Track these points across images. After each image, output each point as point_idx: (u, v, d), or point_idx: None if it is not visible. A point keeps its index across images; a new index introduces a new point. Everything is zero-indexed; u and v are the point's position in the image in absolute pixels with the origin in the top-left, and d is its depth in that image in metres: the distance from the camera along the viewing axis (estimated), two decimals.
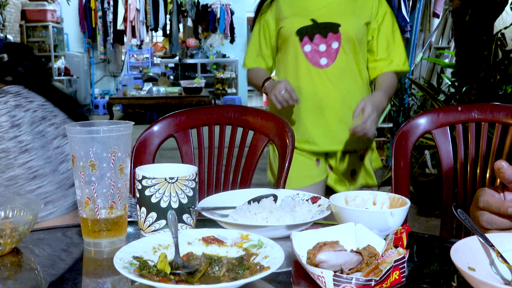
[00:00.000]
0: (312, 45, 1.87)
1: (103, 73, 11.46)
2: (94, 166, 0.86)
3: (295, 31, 1.88)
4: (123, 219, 0.90)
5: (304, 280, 0.75)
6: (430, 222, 3.65)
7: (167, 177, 0.89)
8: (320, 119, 1.91)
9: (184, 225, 0.91)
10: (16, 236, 0.86)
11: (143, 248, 0.78)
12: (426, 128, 1.53)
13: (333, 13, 1.88)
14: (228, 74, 11.35)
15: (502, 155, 1.44)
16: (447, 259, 0.72)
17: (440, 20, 5.91)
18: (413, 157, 3.72)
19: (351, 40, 1.86)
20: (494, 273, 0.71)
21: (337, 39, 1.86)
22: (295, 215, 0.95)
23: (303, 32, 1.87)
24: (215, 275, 0.73)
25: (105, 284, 0.78)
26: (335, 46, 1.86)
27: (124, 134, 0.89)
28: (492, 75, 3.69)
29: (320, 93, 1.90)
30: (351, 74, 1.90)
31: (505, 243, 0.74)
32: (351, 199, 0.97)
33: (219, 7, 11.09)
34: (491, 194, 0.78)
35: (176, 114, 1.68)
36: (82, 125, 0.89)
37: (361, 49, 1.91)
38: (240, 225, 0.89)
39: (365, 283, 0.65)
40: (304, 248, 0.76)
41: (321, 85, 1.89)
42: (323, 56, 1.87)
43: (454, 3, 3.79)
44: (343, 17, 1.87)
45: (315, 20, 1.87)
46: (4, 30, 8.45)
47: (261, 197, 1.02)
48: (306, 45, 1.87)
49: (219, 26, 11.13)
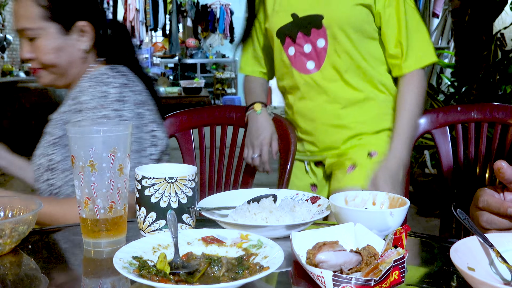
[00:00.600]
0: (295, 47, 1.50)
1: None
2: (94, 166, 0.86)
3: (275, 32, 1.53)
4: (122, 219, 0.90)
5: (303, 280, 0.74)
6: (429, 222, 3.65)
7: (167, 177, 0.89)
8: (315, 139, 1.57)
9: (183, 225, 0.91)
10: (15, 236, 0.86)
11: (143, 248, 0.78)
12: (425, 128, 1.53)
13: (315, 2, 1.46)
14: (227, 74, 11.35)
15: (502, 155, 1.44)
16: (446, 259, 0.72)
17: (439, 20, 5.91)
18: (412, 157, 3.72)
19: (341, 32, 1.44)
20: (493, 273, 0.71)
21: (322, 35, 1.46)
22: (294, 215, 0.94)
23: (284, 32, 1.51)
24: (215, 275, 0.73)
25: (104, 284, 0.77)
26: (321, 44, 1.46)
27: (124, 134, 0.89)
28: (492, 75, 3.69)
29: (310, 108, 1.53)
30: (351, 77, 1.48)
31: (504, 243, 0.74)
32: (351, 199, 0.97)
33: (219, 7, 11.10)
34: (490, 194, 0.78)
35: (177, 114, 1.68)
36: (81, 125, 0.89)
37: (363, 41, 1.46)
38: (239, 225, 0.89)
39: (364, 283, 0.65)
40: (303, 248, 0.76)
41: (310, 97, 1.52)
42: (310, 59, 1.49)
43: (454, 3, 3.80)
44: (326, 4, 1.45)
45: (295, 14, 1.48)
46: (4, 30, 8.44)
47: (260, 197, 1.02)
48: (290, 47, 1.51)
49: (219, 26, 11.14)
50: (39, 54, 1.28)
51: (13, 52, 9.23)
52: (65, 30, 1.29)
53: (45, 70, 1.32)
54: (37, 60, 1.30)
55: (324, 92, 1.49)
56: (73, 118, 1.26)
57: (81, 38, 1.32)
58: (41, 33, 1.27)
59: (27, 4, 1.25)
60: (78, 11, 1.31)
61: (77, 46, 1.32)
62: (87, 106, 1.25)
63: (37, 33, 1.27)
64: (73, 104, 1.29)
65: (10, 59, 9.09)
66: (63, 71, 1.32)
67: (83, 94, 1.27)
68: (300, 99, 1.54)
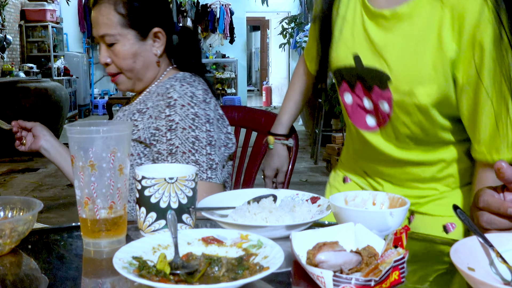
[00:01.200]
0: (353, 97, 1.19)
1: (102, 73, 11.46)
2: (94, 166, 0.86)
3: (333, 69, 1.23)
4: (122, 219, 0.90)
5: (303, 280, 0.74)
6: None
7: (167, 177, 0.89)
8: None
9: (183, 225, 0.91)
10: (15, 236, 0.86)
11: (143, 248, 0.77)
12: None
13: (384, 50, 1.09)
14: (227, 74, 11.37)
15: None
16: (447, 259, 0.72)
17: None
18: None
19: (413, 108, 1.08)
20: (493, 273, 0.71)
21: (386, 99, 1.11)
22: (294, 215, 0.94)
23: (342, 73, 1.20)
24: (215, 275, 0.73)
25: (104, 284, 0.77)
26: (384, 108, 1.12)
27: (124, 134, 0.89)
28: None
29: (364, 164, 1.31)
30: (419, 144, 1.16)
31: (504, 243, 0.74)
32: (351, 199, 0.97)
33: (219, 7, 11.11)
34: (490, 194, 0.78)
35: None
36: (81, 125, 0.89)
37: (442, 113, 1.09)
38: (239, 225, 0.89)
39: (364, 283, 0.65)
40: (303, 248, 0.76)
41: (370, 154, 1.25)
42: (370, 114, 1.18)
43: None
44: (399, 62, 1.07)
45: (358, 58, 1.14)
46: (4, 30, 8.45)
47: (260, 197, 1.02)
48: (346, 93, 1.21)
49: (219, 26, 11.15)
50: (117, 59, 1.38)
51: (13, 52, 9.24)
52: (142, 36, 1.38)
53: (123, 75, 1.41)
54: (115, 65, 1.39)
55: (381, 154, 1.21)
56: (161, 113, 1.33)
57: (155, 43, 1.41)
58: (120, 39, 1.36)
59: (108, 12, 1.35)
60: (153, 18, 1.40)
61: (152, 51, 1.41)
62: (177, 103, 1.32)
63: (116, 39, 1.35)
64: (161, 100, 1.35)
65: (10, 59, 9.09)
66: (140, 76, 1.41)
67: (174, 91, 1.34)
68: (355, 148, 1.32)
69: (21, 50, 9.69)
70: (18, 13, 9.54)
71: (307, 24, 9.55)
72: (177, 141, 1.30)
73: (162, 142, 1.31)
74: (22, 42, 9.67)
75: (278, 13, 12.38)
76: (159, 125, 1.32)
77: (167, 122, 1.31)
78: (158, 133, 1.32)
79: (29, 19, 9.62)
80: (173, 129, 1.30)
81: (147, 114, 1.36)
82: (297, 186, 4.44)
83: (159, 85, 1.41)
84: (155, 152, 1.33)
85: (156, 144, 1.32)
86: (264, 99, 12.89)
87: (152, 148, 1.34)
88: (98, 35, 1.38)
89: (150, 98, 1.40)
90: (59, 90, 6.73)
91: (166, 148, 1.30)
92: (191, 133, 1.30)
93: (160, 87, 1.39)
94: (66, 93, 7.02)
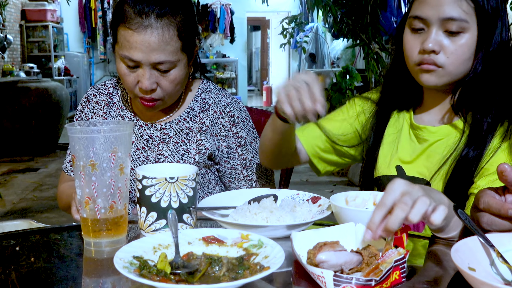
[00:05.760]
0: None
1: (103, 73, 11.45)
2: (95, 166, 0.86)
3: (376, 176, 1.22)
4: (123, 219, 0.90)
5: (304, 280, 0.74)
6: None
7: (168, 177, 0.89)
8: None
9: (184, 225, 0.91)
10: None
11: (143, 247, 0.78)
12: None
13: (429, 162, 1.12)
14: (228, 74, 11.36)
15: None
16: (447, 259, 0.72)
17: None
18: None
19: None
20: (494, 273, 0.71)
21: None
22: (295, 215, 0.95)
23: (384, 180, 1.19)
24: (215, 275, 0.73)
25: (105, 284, 0.78)
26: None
27: (124, 134, 0.89)
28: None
29: None
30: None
31: (505, 243, 0.74)
32: (351, 199, 0.97)
33: (219, 7, 11.10)
34: (491, 196, 0.78)
35: None
36: (82, 124, 0.89)
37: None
38: (240, 225, 0.89)
39: (365, 283, 0.65)
40: (304, 248, 0.76)
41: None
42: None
43: None
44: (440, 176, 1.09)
45: (401, 169, 1.16)
46: (4, 30, 8.44)
47: (261, 197, 1.02)
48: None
49: (219, 26, 11.14)
50: (169, 85, 1.22)
51: (13, 52, 9.24)
52: (190, 59, 1.27)
53: (162, 101, 1.25)
54: (161, 90, 1.23)
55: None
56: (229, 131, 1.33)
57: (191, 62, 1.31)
58: (178, 64, 1.21)
59: (171, 38, 1.18)
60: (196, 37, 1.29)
61: (189, 70, 1.30)
62: (240, 119, 1.35)
63: (175, 65, 1.21)
64: (221, 117, 1.33)
65: (10, 59, 9.09)
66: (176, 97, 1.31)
67: (233, 108, 1.34)
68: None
69: (21, 50, 9.69)
70: (19, 13, 9.54)
71: (307, 24, 9.54)
72: (249, 155, 1.36)
73: (234, 158, 1.35)
74: (22, 42, 9.67)
75: (278, 13, 12.37)
76: (230, 143, 1.34)
77: (236, 139, 1.34)
78: (230, 150, 1.34)
79: (30, 19, 9.61)
80: (243, 144, 1.35)
81: (208, 132, 1.32)
82: (297, 186, 4.44)
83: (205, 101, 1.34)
84: (228, 168, 1.36)
85: (229, 161, 1.35)
86: (264, 99, 12.88)
87: (225, 165, 1.36)
88: (154, 61, 1.18)
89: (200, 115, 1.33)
90: (60, 90, 6.72)
91: (239, 163, 1.35)
92: (257, 145, 1.37)
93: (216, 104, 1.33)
94: (66, 93, 7.02)
